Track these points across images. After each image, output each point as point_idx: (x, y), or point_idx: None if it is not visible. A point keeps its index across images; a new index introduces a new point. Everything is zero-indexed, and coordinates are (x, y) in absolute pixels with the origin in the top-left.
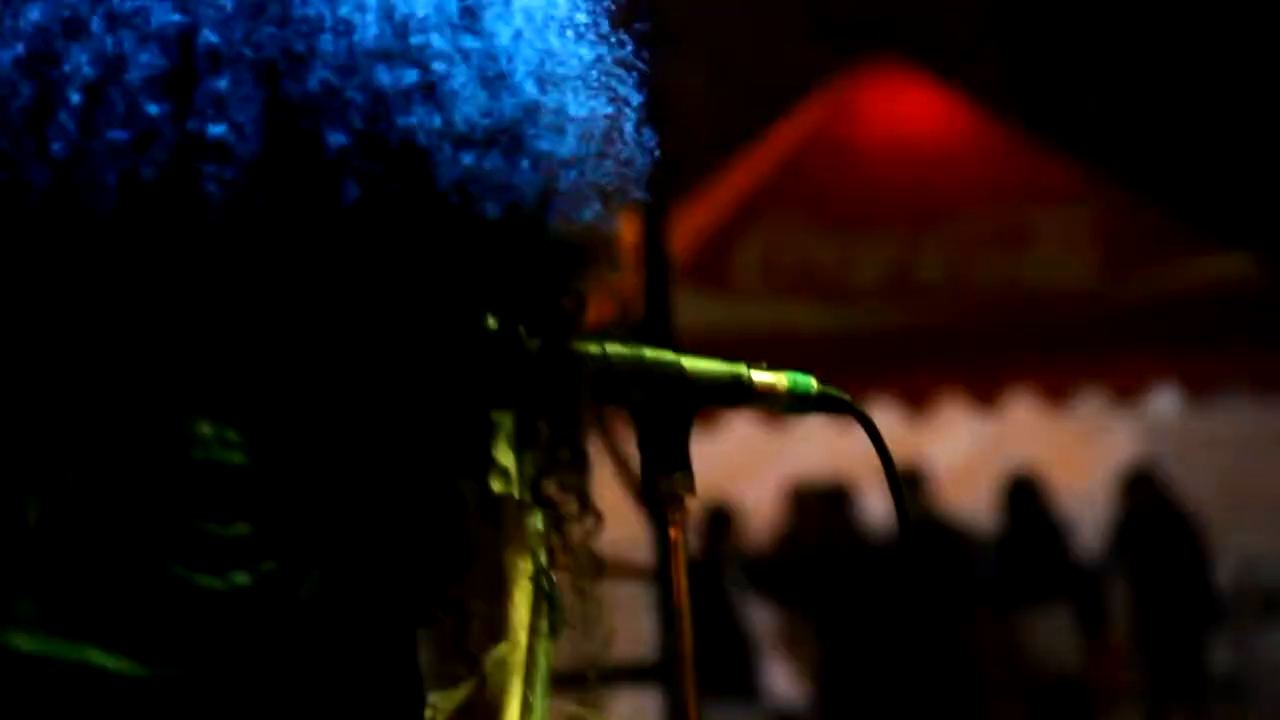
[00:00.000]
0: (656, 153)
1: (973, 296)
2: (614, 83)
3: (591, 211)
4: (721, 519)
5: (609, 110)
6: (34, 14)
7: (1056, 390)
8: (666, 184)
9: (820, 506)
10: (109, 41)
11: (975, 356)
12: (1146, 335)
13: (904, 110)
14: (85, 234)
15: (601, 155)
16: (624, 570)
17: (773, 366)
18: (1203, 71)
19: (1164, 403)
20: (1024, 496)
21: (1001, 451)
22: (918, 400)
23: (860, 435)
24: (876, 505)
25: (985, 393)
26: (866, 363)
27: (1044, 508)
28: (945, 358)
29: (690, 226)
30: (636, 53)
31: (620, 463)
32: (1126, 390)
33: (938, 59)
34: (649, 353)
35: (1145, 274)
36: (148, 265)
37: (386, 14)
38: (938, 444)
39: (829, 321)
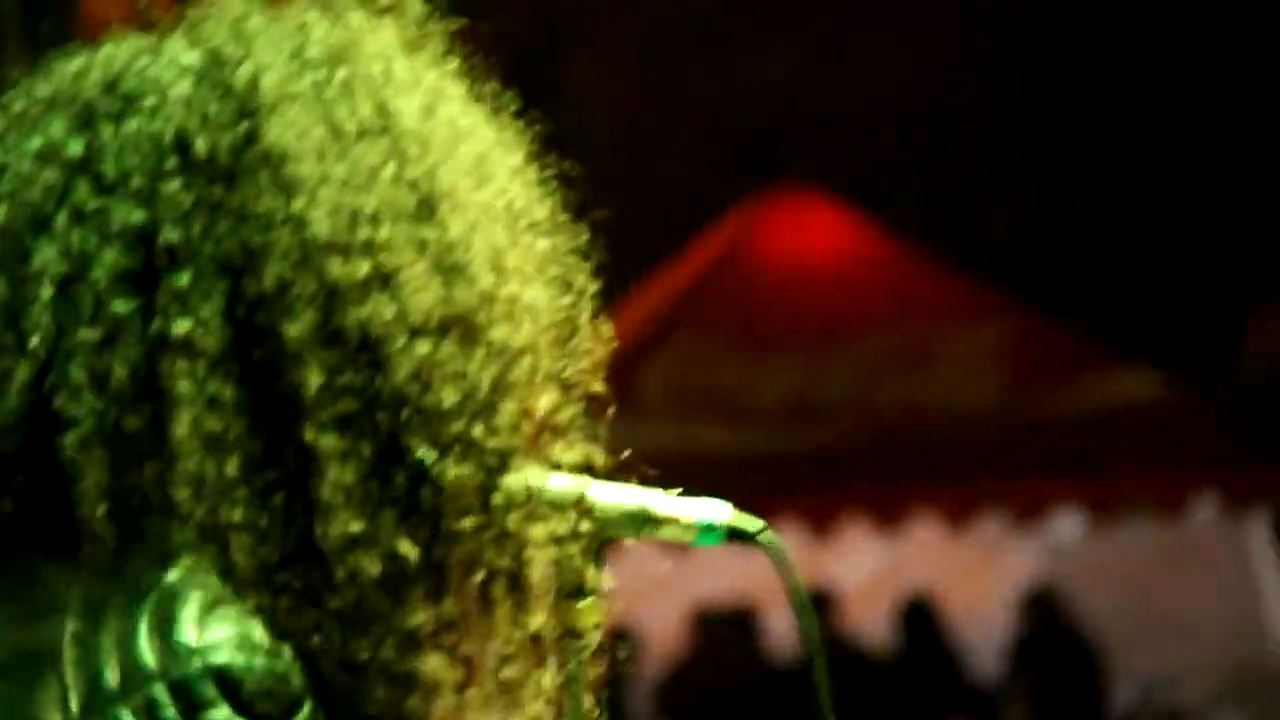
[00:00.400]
0: (614, 344)
1: (876, 418)
2: (569, 272)
3: (549, 401)
4: (623, 645)
5: (565, 299)
6: (3, 215)
7: (959, 512)
8: None
9: (725, 631)
10: (74, 237)
11: (878, 478)
12: (1048, 457)
13: (809, 233)
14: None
15: (557, 344)
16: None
17: (681, 488)
18: (1103, 191)
19: (1066, 524)
20: (920, 619)
21: (903, 573)
22: (821, 521)
23: (763, 557)
24: (781, 627)
25: (888, 514)
26: (771, 484)
27: (940, 630)
28: (849, 479)
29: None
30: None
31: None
32: (1028, 512)
33: (844, 183)
34: (554, 483)
35: (1047, 395)
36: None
37: (338, 208)
38: (841, 565)
39: (734, 443)
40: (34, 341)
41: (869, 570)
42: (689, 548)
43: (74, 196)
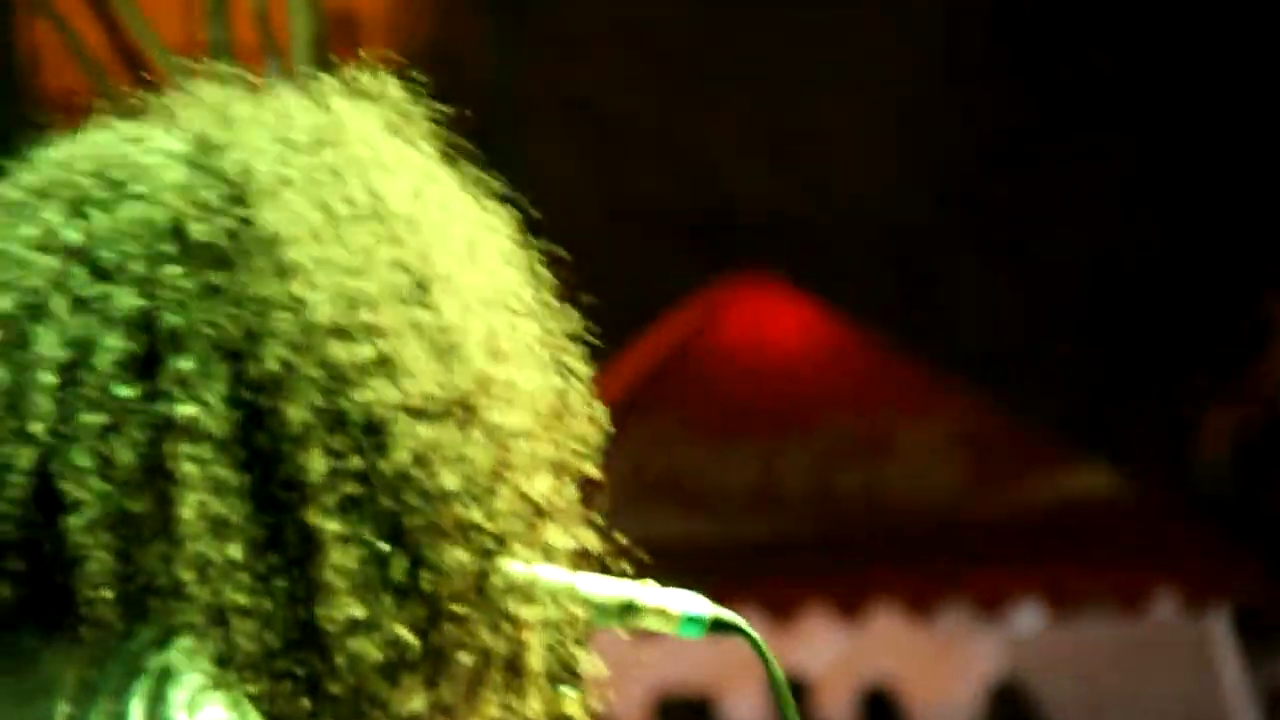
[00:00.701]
0: (609, 437)
1: (836, 506)
2: (560, 354)
3: (543, 484)
4: None
5: (557, 383)
6: (1, 303)
7: (919, 602)
8: None
9: (685, 717)
10: (74, 324)
11: (838, 566)
12: (1009, 548)
13: (769, 321)
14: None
15: (551, 428)
16: None
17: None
18: (1061, 284)
19: (1026, 616)
20: (880, 710)
21: (864, 662)
22: (781, 610)
23: (723, 643)
24: (741, 712)
25: (848, 604)
26: (730, 571)
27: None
28: (808, 567)
29: None
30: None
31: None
32: (989, 603)
33: (803, 273)
34: (550, 575)
35: (1007, 487)
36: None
37: (337, 291)
38: (800, 653)
39: (693, 530)
40: (37, 427)
41: (828, 659)
42: (652, 634)
43: (72, 283)
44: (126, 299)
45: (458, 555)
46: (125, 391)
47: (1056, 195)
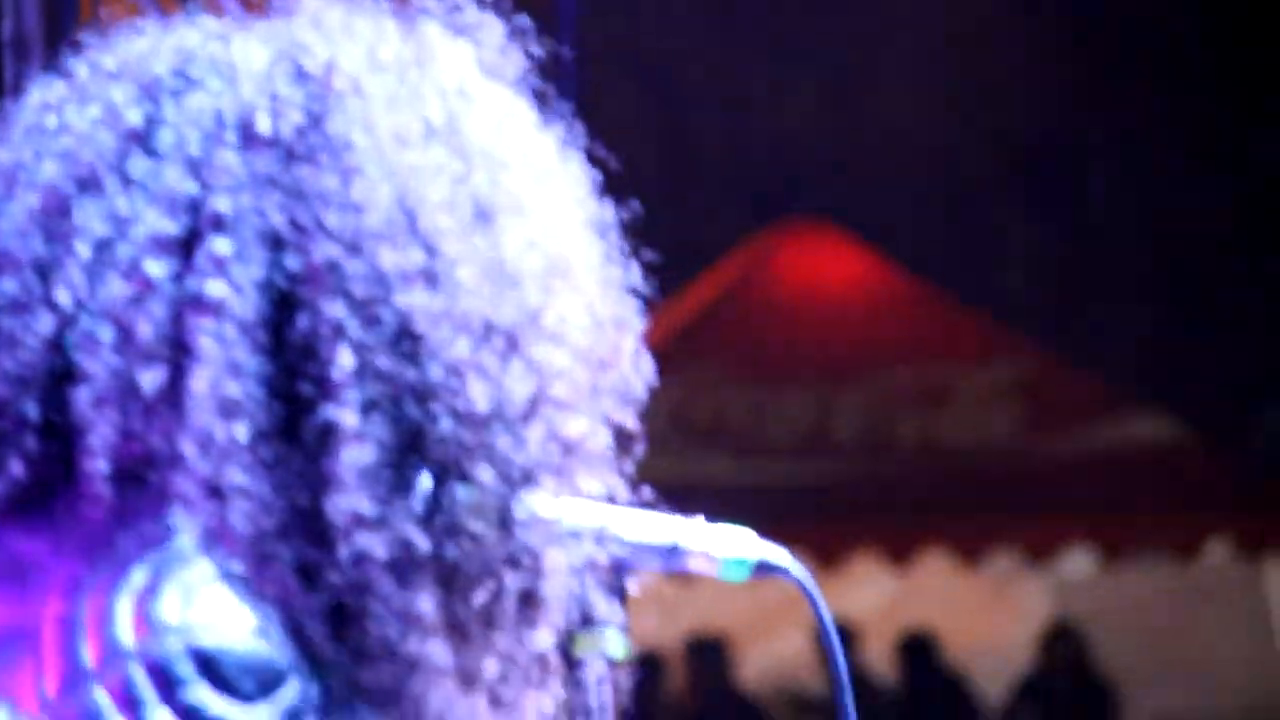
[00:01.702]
0: (653, 381)
1: (887, 453)
2: (616, 304)
3: (579, 425)
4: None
5: (610, 330)
6: (50, 170)
7: (970, 548)
8: None
9: (694, 661)
10: (120, 202)
11: (888, 512)
12: (1062, 496)
13: (822, 269)
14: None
15: (595, 373)
16: None
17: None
18: (1124, 231)
19: (1076, 563)
20: (923, 654)
21: (911, 608)
22: (829, 555)
23: (747, 586)
24: (756, 657)
25: (898, 550)
26: (778, 516)
27: (943, 665)
28: (858, 513)
29: None
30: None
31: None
32: (1040, 550)
33: (857, 219)
34: (585, 513)
35: (1061, 435)
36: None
37: (397, 199)
38: (848, 598)
39: (741, 475)
40: (63, 296)
41: (876, 604)
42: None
43: (127, 163)
44: (175, 179)
45: (481, 476)
46: (156, 268)
47: (1119, 135)
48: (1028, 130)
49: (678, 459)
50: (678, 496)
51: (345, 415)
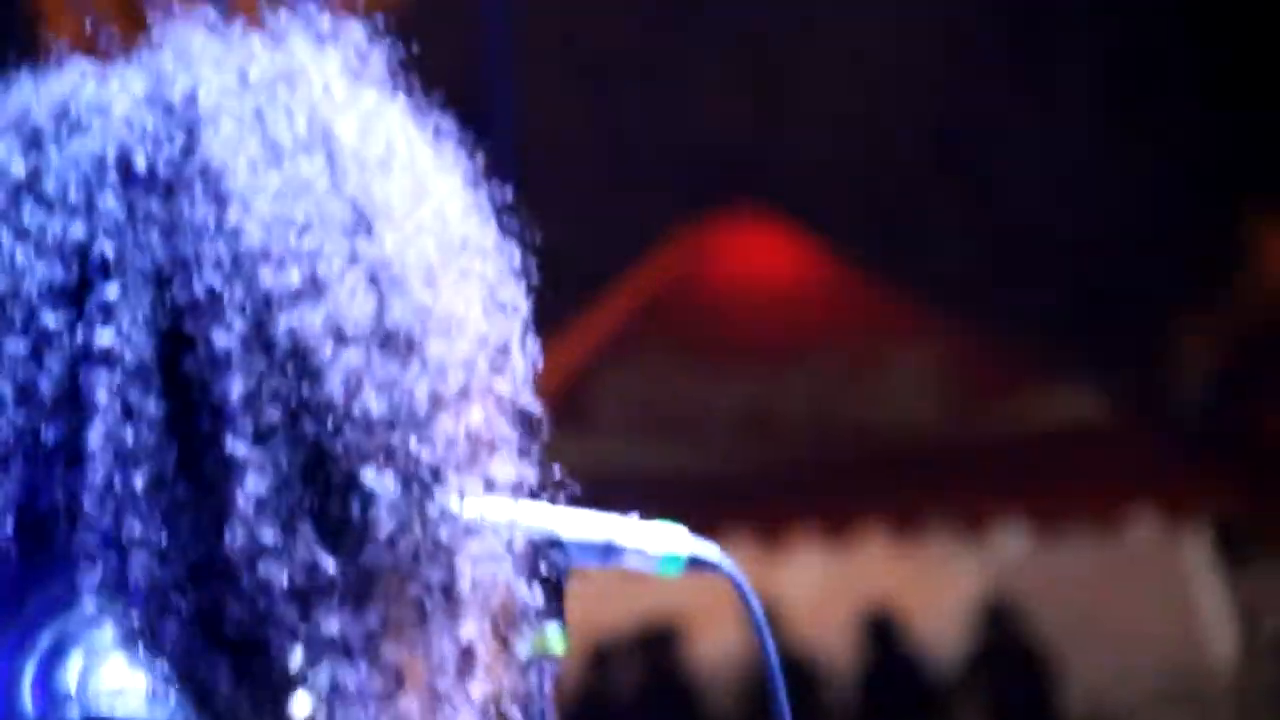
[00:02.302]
0: (539, 361)
1: (824, 433)
2: (503, 291)
3: (482, 415)
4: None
5: (498, 317)
6: None
7: (906, 525)
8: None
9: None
10: (13, 254)
11: (827, 492)
12: (992, 471)
13: (757, 254)
14: None
15: (491, 361)
16: None
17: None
18: (1039, 209)
19: (1010, 537)
20: (879, 630)
21: (853, 585)
22: (772, 534)
23: (697, 576)
24: (705, 647)
25: (837, 528)
26: (722, 498)
27: (899, 642)
28: (799, 494)
29: (550, 366)
30: (509, 227)
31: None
32: (974, 525)
33: (790, 204)
34: (522, 514)
35: (989, 412)
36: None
37: (271, 218)
38: (791, 578)
39: (684, 459)
40: None
41: (819, 583)
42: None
43: (15, 215)
44: (63, 228)
45: (389, 482)
46: (51, 320)
47: (1041, 113)
48: (951, 113)
49: (624, 446)
50: (626, 483)
51: (241, 445)
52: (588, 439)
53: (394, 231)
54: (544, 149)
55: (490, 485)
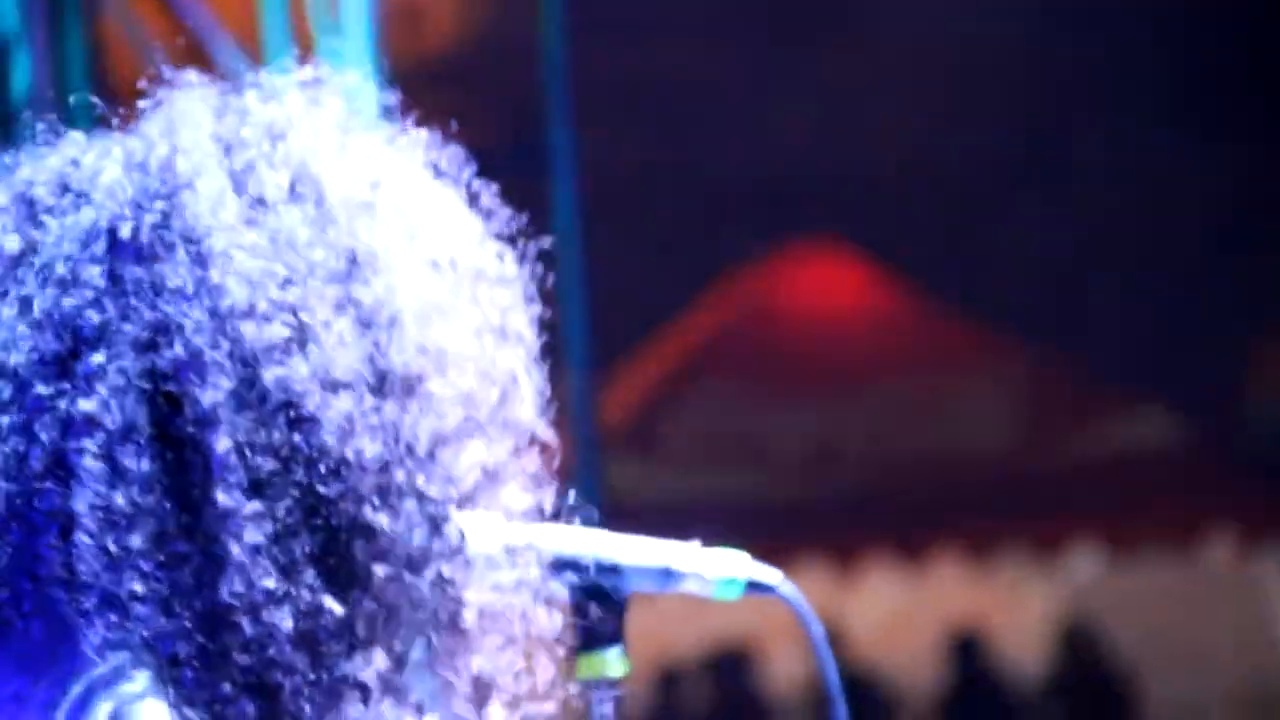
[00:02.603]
0: (547, 391)
1: (896, 461)
2: (508, 321)
3: (490, 448)
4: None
5: (504, 349)
6: None
7: (979, 549)
8: (594, 354)
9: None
10: (9, 329)
11: (900, 518)
12: (1066, 496)
13: (827, 283)
14: None
15: (495, 394)
16: None
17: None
18: (1113, 235)
19: (1085, 561)
20: (964, 652)
21: (926, 610)
22: (844, 560)
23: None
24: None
25: (911, 554)
26: (794, 525)
27: (982, 663)
28: (871, 521)
29: (620, 396)
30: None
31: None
32: (1048, 549)
33: (859, 234)
34: (582, 542)
35: (1063, 437)
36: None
37: (252, 273)
38: (864, 602)
39: (755, 488)
40: None
41: (891, 607)
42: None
43: (14, 289)
44: (54, 299)
45: (391, 520)
46: (41, 389)
47: (1108, 142)
48: (1020, 137)
49: (696, 475)
50: (697, 512)
51: (234, 497)
52: (660, 469)
53: (385, 274)
54: (612, 183)
55: (507, 514)
